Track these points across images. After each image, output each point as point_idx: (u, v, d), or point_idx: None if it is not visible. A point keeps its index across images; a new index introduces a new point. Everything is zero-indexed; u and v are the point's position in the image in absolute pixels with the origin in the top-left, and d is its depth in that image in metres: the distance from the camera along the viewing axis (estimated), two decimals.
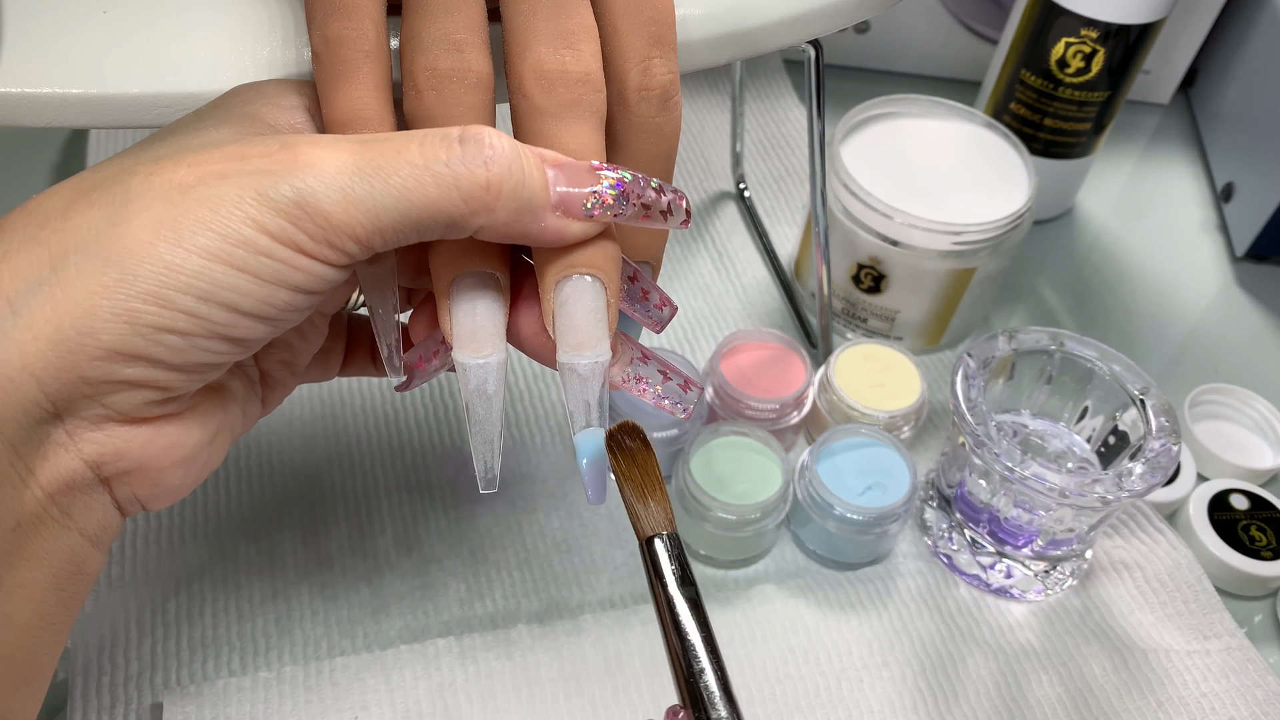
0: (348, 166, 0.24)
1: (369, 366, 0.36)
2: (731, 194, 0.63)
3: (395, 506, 0.47)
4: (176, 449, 0.26)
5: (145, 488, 0.26)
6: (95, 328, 0.23)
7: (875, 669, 0.43)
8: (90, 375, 0.24)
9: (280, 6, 0.30)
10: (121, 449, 0.25)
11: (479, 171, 0.24)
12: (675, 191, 0.28)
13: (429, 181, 0.24)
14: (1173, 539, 0.47)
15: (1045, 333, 0.45)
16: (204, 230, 0.23)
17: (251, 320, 0.25)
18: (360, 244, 0.25)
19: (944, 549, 0.46)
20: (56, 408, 0.24)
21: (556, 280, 0.27)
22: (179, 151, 0.25)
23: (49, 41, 0.29)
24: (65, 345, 0.23)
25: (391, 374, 0.30)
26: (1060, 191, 0.65)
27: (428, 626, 0.43)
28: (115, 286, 0.23)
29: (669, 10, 0.28)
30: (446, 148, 0.25)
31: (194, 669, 0.41)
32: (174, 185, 0.24)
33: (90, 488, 0.25)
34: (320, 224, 0.24)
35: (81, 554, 0.26)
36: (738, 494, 0.44)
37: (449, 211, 0.25)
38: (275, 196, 0.24)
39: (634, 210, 0.27)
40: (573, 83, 0.27)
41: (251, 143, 0.25)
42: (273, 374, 0.31)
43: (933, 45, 0.71)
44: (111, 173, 0.25)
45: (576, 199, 0.26)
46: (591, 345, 0.27)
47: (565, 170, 0.26)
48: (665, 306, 0.30)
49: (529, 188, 0.25)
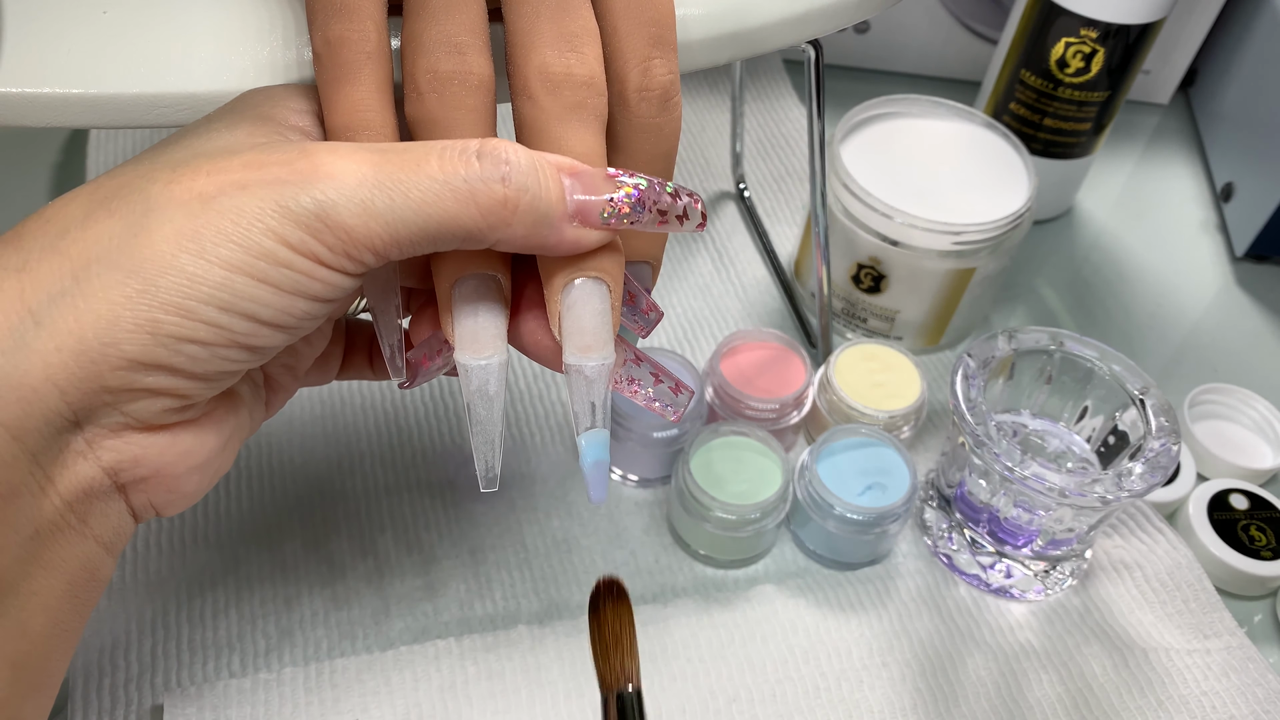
0: (368, 179, 0.24)
1: (366, 370, 0.36)
2: (731, 194, 0.63)
3: (396, 507, 0.47)
4: (192, 455, 0.27)
5: (161, 494, 0.27)
6: (118, 338, 0.23)
7: (875, 669, 0.43)
8: (112, 384, 0.24)
9: (280, 7, 0.30)
10: (139, 456, 0.25)
11: (496, 188, 0.25)
12: (691, 194, 0.28)
13: (448, 196, 0.24)
14: (1172, 539, 0.47)
15: (1045, 333, 0.45)
16: (226, 242, 0.24)
17: (270, 329, 0.25)
18: (377, 255, 0.25)
19: (944, 549, 0.46)
20: (77, 416, 0.24)
21: (564, 283, 0.27)
22: (195, 157, 0.25)
23: (49, 41, 0.29)
24: (88, 356, 0.23)
25: (394, 375, 0.30)
26: (1060, 191, 0.65)
27: (428, 627, 0.43)
28: (138, 297, 0.23)
29: (669, 11, 0.28)
30: (465, 163, 0.25)
31: (194, 670, 0.41)
32: (194, 195, 0.24)
33: (107, 495, 0.26)
34: (340, 236, 0.24)
35: (96, 560, 0.26)
36: (737, 494, 0.44)
37: (466, 226, 0.25)
38: (296, 209, 0.24)
39: (650, 217, 0.27)
40: (578, 86, 0.27)
41: (269, 150, 0.25)
42: (276, 378, 0.32)
43: (933, 45, 0.71)
44: (129, 180, 0.25)
45: (594, 208, 0.26)
46: (598, 348, 0.27)
47: (583, 178, 0.26)
48: (652, 311, 0.30)
49: (546, 201, 0.25)
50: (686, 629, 0.43)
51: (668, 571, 0.46)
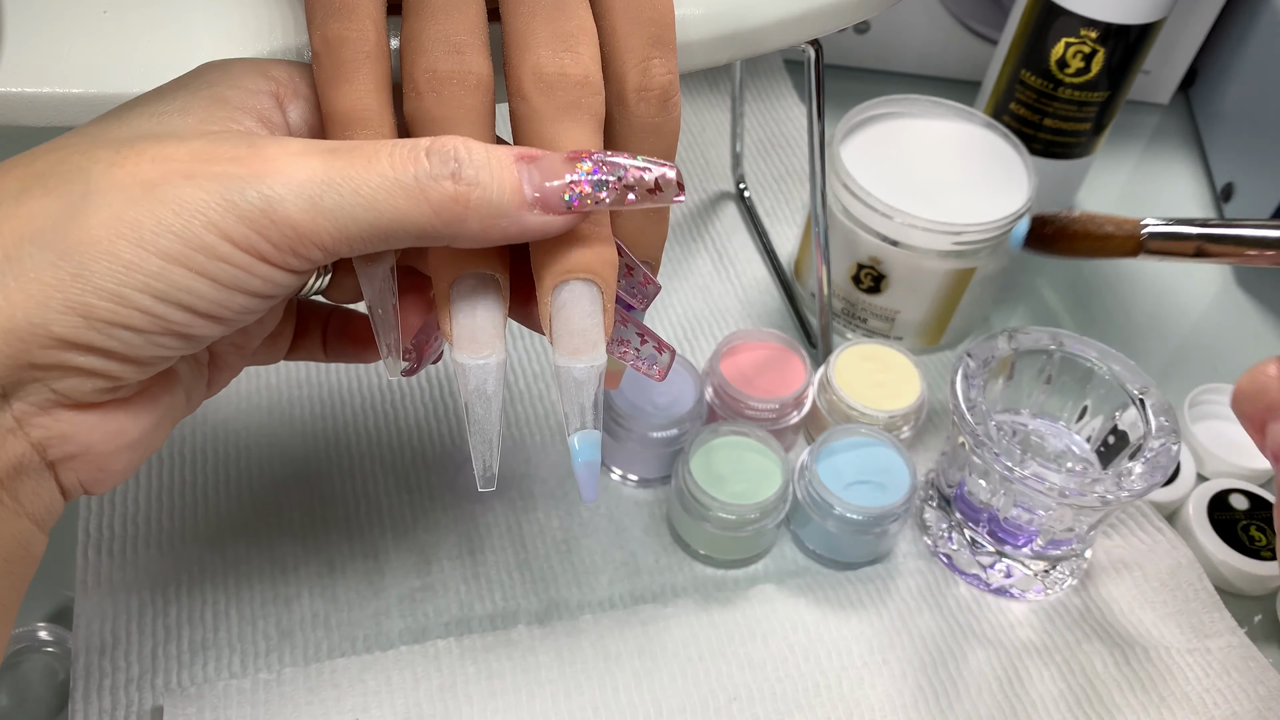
0: (316, 175, 0.24)
1: (318, 352, 0.36)
2: (731, 194, 0.63)
3: (395, 507, 0.47)
4: (123, 434, 0.26)
5: (90, 472, 0.26)
6: (48, 319, 0.23)
7: (875, 667, 0.43)
8: (40, 361, 0.24)
9: (280, 6, 0.30)
10: (69, 433, 0.25)
11: (446, 184, 0.25)
12: (662, 164, 0.26)
13: (399, 193, 0.24)
14: (1172, 538, 0.47)
15: (1045, 333, 0.45)
16: (165, 232, 0.23)
17: (207, 320, 0.25)
18: (326, 252, 0.25)
19: (944, 549, 0.46)
20: (5, 391, 0.24)
21: (553, 285, 0.27)
22: (141, 139, 0.24)
23: (49, 41, 0.29)
24: (16, 334, 0.23)
25: (391, 373, 0.30)
26: (1060, 191, 0.65)
27: (428, 628, 0.43)
28: (70, 281, 0.23)
29: (668, 11, 0.28)
30: (414, 160, 0.25)
31: (194, 671, 0.41)
32: (137, 181, 0.23)
33: (37, 471, 0.25)
34: (286, 232, 0.24)
35: (29, 536, 0.26)
36: (737, 494, 0.44)
37: (419, 223, 0.25)
38: (241, 203, 0.24)
39: (617, 193, 0.26)
40: (571, 85, 0.27)
41: (218, 140, 0.25)
42: (222, 356, 0.31)
43: (933, 45, 0.71)
44: (68, 156, 0.24)
45: (555, 193, 0.26)
46: (588, 350, 0.27)
47: (540, 164, 0.26)
48: (650, 284, 0.30)
49: (498, 193, 0.25)
50: (687, 628, 0.43)
51: (668, 571, 0.46)
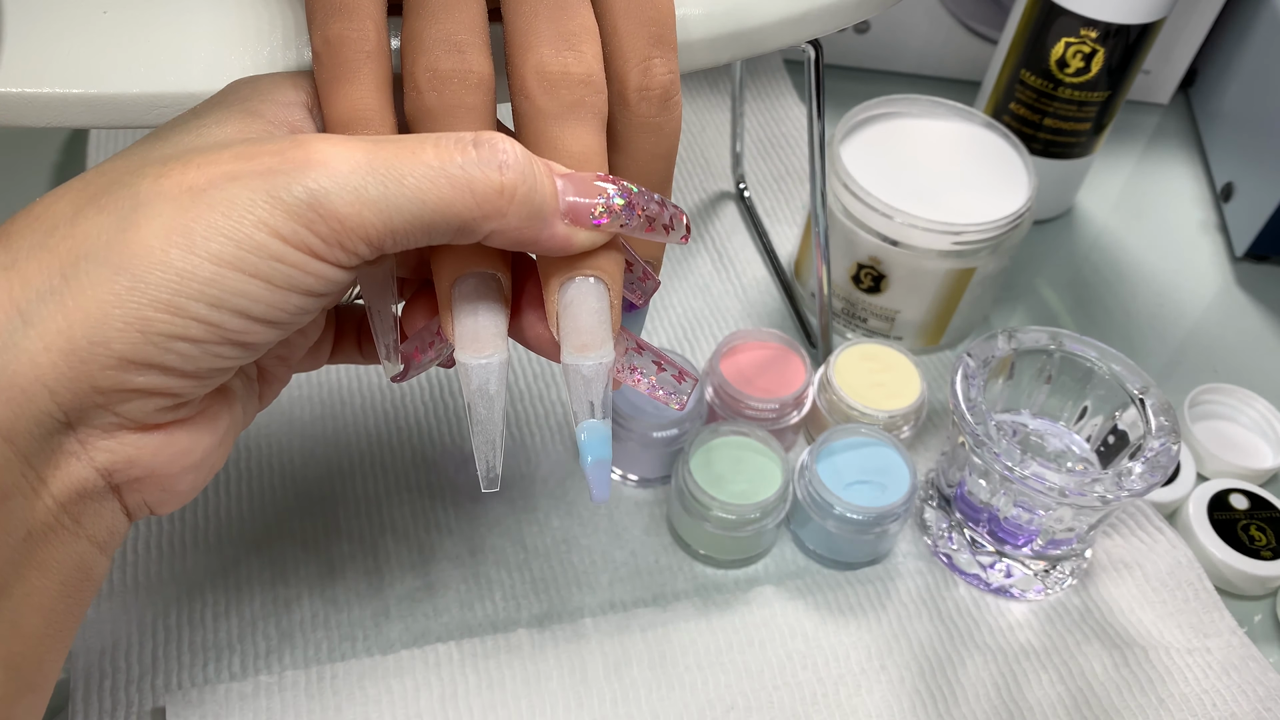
0: (361, 165, 0.24)
1: (355, 355, 0.36)
2: (731, 194, 0.63)
3: (395, 508, 0.47)
4: (188, 454, 0.26)
5: (155, 493, 0.26)
6: (108, 337, 0.23)
7: (873, 673, 0.42)
8: (103, 384, 0.23)
9: (280, 6, 0.30)
10: (134, 456, 0.25)
11: (494, 175, 0.24)
12: (676, 207, 0.28)
13: (444, 183, 0.24)
14: (1172, 538, 0.47)
15: (1045, 332, 0.45)
16: (216, 236, 0.23)
17: (263, 325, 0.25)
18: (371, 245, 0.25)
19: (944, 549, 0.46)
20: (69, 417, 0.24)
21: (561, 282, 0.27)
22: (185, 152, 0.25)
23: (49, 41, 0.29)
24: (77, 355, 0.23)
25: (388, 372, 0.30)
26: (1060, 191, 0.65)
27: (428, 629, 0.43)
28: (127, 295, 0.23)
29: (669, 10, 0.28)
30: (461, 150, 0.24)
31: (195, 673, 0.41)
32: (184, 188, 0.24)
33: (101, 495, 0.25)
34: (333, 225, 0.24)
35: (90, 560, 0.26)
36: (737, 494, 0.44)
37: (462, 214, 0.25)
38: (288, 198, 0.23)
39: (639, 222, 0.27)
40: (575, 84, 0.27)
41: (261, 140, 0.25)
42: (269, 369, 0.31)
43: (933, 45, 0.71)
44: (118, 175, 0.24)
45: (585, 208, 0.26)
46: (596, 347, 0.27)
47: (573, 180, 0.26)
48: (649, 279, 0.30)
49: (540, 194, 0.25)
50: (685, 635, 0.43)
51: (668, 571, 0.46)
